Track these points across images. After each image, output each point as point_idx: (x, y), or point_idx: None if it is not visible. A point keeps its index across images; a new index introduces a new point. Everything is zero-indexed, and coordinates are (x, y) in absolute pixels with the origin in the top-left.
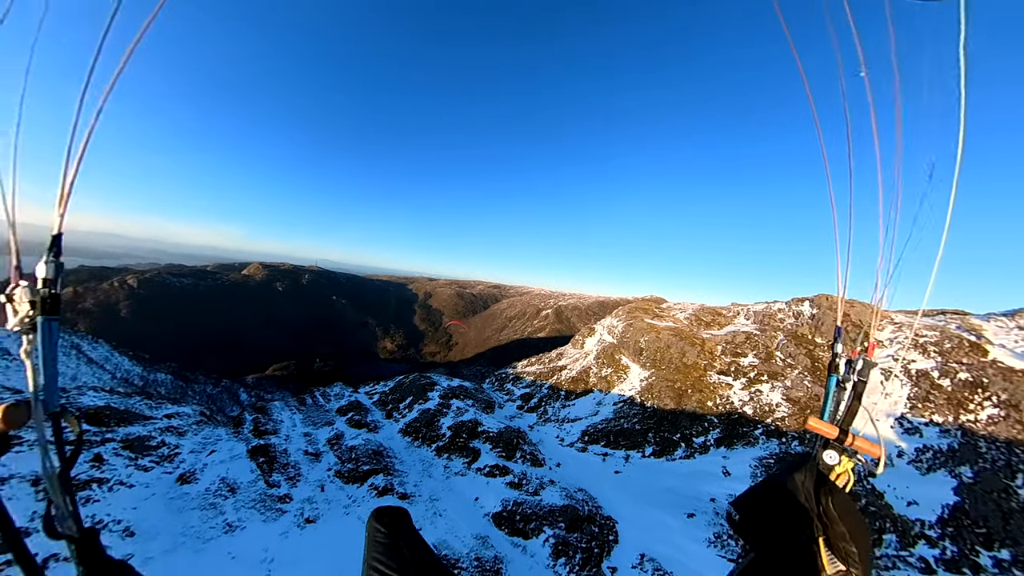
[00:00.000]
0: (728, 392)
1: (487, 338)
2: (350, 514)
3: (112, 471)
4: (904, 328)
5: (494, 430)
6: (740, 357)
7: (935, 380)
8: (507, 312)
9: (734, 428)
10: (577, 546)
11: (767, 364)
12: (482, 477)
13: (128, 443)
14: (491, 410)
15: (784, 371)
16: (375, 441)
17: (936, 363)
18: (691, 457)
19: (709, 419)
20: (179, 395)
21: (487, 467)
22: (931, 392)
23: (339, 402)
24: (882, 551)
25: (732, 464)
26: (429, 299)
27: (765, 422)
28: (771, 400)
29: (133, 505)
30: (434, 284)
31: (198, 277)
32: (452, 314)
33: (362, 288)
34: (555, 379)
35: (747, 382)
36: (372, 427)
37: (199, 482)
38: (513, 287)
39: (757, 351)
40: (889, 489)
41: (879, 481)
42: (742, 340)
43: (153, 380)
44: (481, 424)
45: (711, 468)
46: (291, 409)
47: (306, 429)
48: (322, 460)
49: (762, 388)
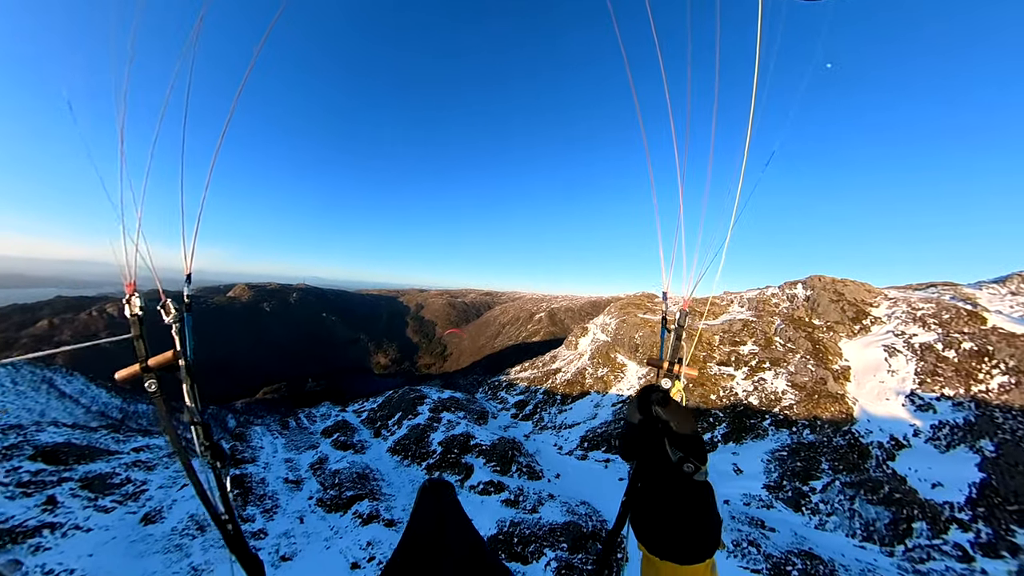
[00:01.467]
0: (731, 383)
1: (482, 346)
2: (331, 547)
3: (67, 514)
4: (899, 303)
5: (487, 443)
6: (739, 346)
7: (940, 352)
8: (500, 319)
9: (741, 421)
10: (582, 568)
11: (767, 351)
12: (476, 496)
13: (88, 482)
14: (484, 421)
15: (786, 356)
16: (361, 463)
17: (938, 335)
18: None
19: (714, 413)
20: None
21: (481, 484)
22: (938, 365)
23: (325, 423)
24: (913, 542)
25: (743, 460)
26: (421, 310)
27: (773, 411)
28: (776, 388)
29: (89, 551)
30: (425, 295)
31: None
32: (445, 324)
33: (352, 303)
34: (550, 383)
35: (749, 371)
36: (359, 448)
37: (165, 521)
38: (505, 293)
39: (756, 338)
40: (911, 472)
41: (899, 465)
42: (739, 328)
43: (134, 411)
44: (473, 437)
45: (721, 466)
46: (273, 434)
47: (288, 454)
48: (303, 487)
49: (765, 376)
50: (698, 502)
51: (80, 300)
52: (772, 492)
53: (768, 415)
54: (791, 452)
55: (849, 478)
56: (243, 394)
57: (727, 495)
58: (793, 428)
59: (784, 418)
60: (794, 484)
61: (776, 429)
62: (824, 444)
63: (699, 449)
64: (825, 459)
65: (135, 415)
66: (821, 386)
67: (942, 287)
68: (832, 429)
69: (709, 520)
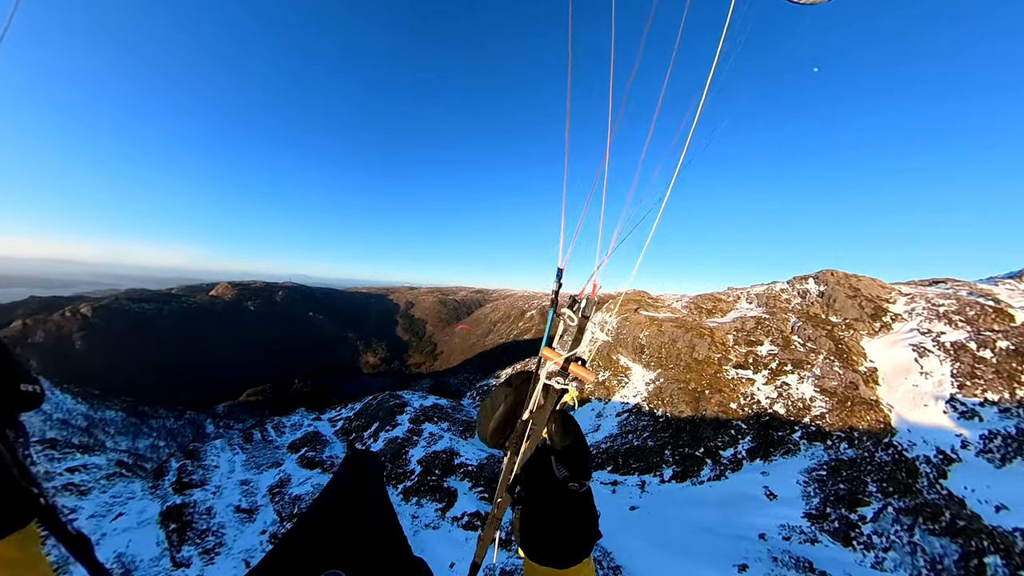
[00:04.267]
0: (751, 389)
1: (472, 344)
2: None
3: None
4: (917, 299)
5: (474, 462)
6: (756, 346)
7: (975, 353)
8: (491, 316)
9: (767, 434)
10: None
11: (787, 351)
12: (459, 530)
13: None
14: (471, 433)
15: (808, 357)
16: None
17: (969, 333)
18: (722, 477)
19: (735, 425)
20: (132, 432)
21: (465, 516)
22: (976, 367)
23: (295, 434)
24: None
25: (775, 481)
26: (411, 308)
27: (802, 422)
28: (803, 394)
29: None
30: (415, 293)
31: (161, 301)
32: (436, 322)
33: (340, 302)
34: None
35: (770, 374)
36: (327, 466)
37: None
38: (496, 290)
39: (772, 337)
40: (968, 492)
41: (953, 483)
42: (752, 326)
43: (101, 419)
44: (458, 454)
45: (750, 490)
46: (233, 448)
47: (246, 474)
48: (257, 518)
49: (789, 380)
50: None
51: (53, 300)
52: (815, 523)
53: (798, 426)
54: (831, 471)
55: (902, 503)
56: (226, 396)
57: (761, 527)
58: (828, 442)
59: (816, 430)
60: (840, 512)
61: (809, 443)
62: (866, 460)
63: (584, 467)
64: (871, 479)
65: (102, 423)
66: (852, 391)
67: (953, 283)
68: (872, 442)
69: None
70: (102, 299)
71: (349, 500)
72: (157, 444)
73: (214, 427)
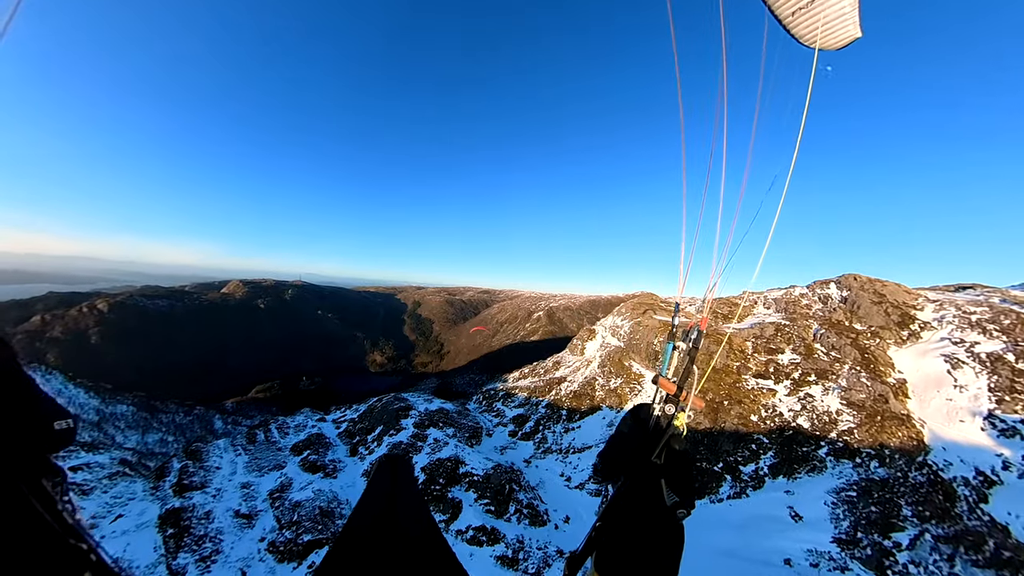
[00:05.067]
0: (772, 400)
1: (478, 344)
2: None
3: None
4: (946, 306)
5: (480, 472)
6: (777, 354)
7: (1013, 365)
8: (498, 317)
9: (791, 449)
10: None
11: (810, 360)
12: (464, 545)
13: None
14: (477, 440)
15: (832, 367)
16: (328, 492)
17: (1005, 344)
18: (742, 495)
19: (756, 439)
20: (142, 427)
21: (470, 530)
22: (1015, 380)
23: (298, 436)
24: None
25: (800, 501)
26: (418, 308)
27: (828, 437)
28: (828, 407)
29: None
30: (423, 293)
31: (174, 298)
32: (443, 322)
33: (349, 301)
34: (554, 394)
35: (792, 385)
36: (329, 470)
37: None
38: (503, 291)
39: (794, 345)
40: (1012, 519)
41: (995, 508)
42: (772, 333)
43: (111, 413)
44: (463, 463)
45: (773, 510)
46: (236, 449)
47: (247, 476)
48: (256, 524)
49: (813, 392)
50: (675, 544)
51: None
52: (846, 549)
53: (824, 442)
54: (861, 492)
55: (941, 529)
56: (235, 392)
57: (786, 551)
58: (857, 459)
59: (844, 446)
60: (872, 537)
61: (836, 460)
62: (899, 481)
63: (692, 495)
64: (905, 502)
65: (113, 417)
66: (881, 405)
67: (983, 289)
68: (905, 461)
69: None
70: (118, 295)
71: (393, 509)
72: (166, 439)
73: (222, 423)
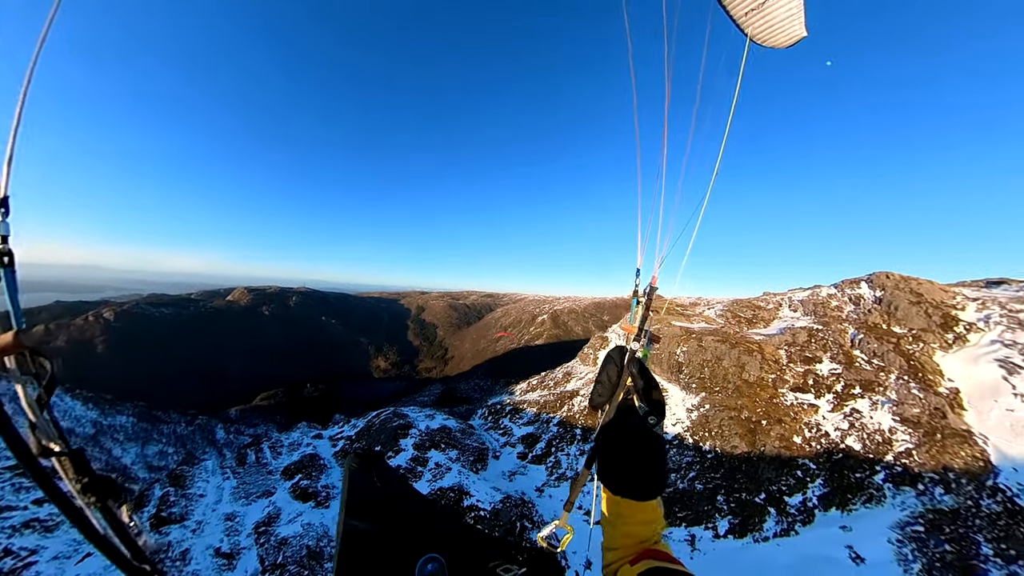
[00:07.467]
0: (815, 417)
1: (483, 349)
2: None
3: None
4: (989, 304)
5: (487, 505)
6: (814, 363)
7: None
8: (502, 321)
9: (842, 475)
10: None
11: (852, 370)
12: None
13: None
14: (483, 464)
15: (878, 377)
16: (318, 526)
17: None
18: (791, 532)
19: (802, 464)
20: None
21: None
22: None
23: (291, 456)
24: None
25: (860, 540)
26: (422, 313)
27: (884, 460)
28: (880, 424)
29: None
30: (426, 297)
31: (180, 306)
32: (446, 326)
33: (353, 306)
34: (566, 410)
35: (835, 399)
36: (322, 499)
37: None
38: (507, 295)
39: (831, 353)
40: None
41: None
42: (805, 339)
43: (110, 425)
44: (469, 494)
45: (829, 550)
46: (224, 472)
47: (233, 506)
48: (238, 565)
49: (859, 407)
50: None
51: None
52: None
53: (879, 466)
54: (929, 526)
55: None
56: (239, 400)
57: None
58: (919, 485)
59: (903, 470)
60: None
61: (896, 488)
62: (971, 512)
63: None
64: (983, 537)
65: (111, 429)
66: (939, 420)
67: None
68: (973, 486)
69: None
70: (124, 303)
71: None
72: (166, 451)
73: (224, 433)
